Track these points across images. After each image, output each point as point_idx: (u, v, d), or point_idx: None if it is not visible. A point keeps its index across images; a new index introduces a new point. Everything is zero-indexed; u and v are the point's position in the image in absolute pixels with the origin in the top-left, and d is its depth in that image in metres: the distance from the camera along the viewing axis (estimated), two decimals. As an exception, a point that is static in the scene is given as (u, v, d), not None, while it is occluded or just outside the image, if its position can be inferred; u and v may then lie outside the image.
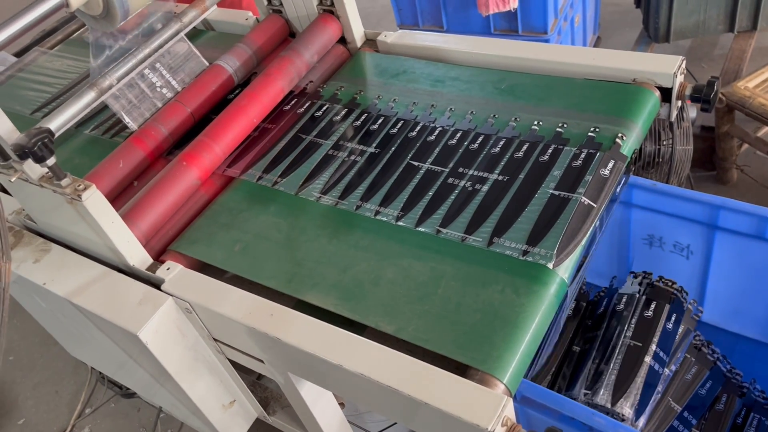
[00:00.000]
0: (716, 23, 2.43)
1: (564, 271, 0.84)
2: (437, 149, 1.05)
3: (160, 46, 1.26)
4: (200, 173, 1.10)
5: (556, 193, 0.92)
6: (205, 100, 1.23)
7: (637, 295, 1.23)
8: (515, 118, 1.06)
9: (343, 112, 1.17)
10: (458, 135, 1.06)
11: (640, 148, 1.88)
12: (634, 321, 1.18)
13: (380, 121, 1.14)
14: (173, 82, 1.28)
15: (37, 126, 0.87)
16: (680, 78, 1.06)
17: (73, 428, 2.01)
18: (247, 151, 1.16)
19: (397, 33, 1.32)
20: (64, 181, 0.89)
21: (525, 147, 1.00)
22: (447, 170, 1.01)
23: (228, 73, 1.27)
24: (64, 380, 2.15)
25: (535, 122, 1.04)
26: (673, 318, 1.19)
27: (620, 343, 1.15)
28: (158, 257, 1.03)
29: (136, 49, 1.23)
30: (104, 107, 1.19)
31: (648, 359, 1.11)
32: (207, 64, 1.30)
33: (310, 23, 1.31)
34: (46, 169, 0.88)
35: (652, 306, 1.20)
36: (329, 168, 1.07)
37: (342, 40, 1.35)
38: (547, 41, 2.09)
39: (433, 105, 1.14)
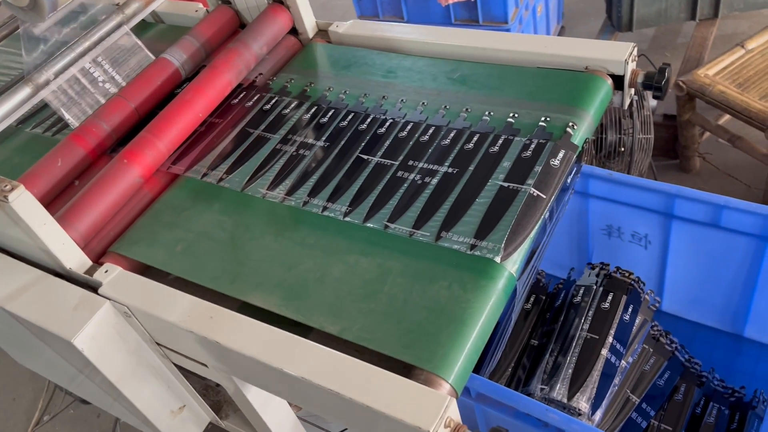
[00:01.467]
0: (678, 11, 2.44)
1: (512, 264, 0.82)
2: (387, 142, 1.02)
3: (101, 39, 1.21)
4: (143, 171, 1.05)
5: (505, 185, 0.90)
6: (150, 95, 1.19)
7: (595, 287, 1.22)
8: (466, 109, 1.04)
9: (293, 105, 1.14)
10: (409, 127, 1.04)
11: (602, 138, 1.87)
12: (591, 313, 1.17)
13: (330, 113, 1.11)
14: (117, 77, 1.23)
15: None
16: (632, 65, 1.05)
17: (31, 436, 1.95)
18: (193, 147, 1.12)
19: (349, 23, 1.29)
20: (-9, 182, 0.84)
21: (475, 138, 0.98)
22: (397, 163, 0.98)
23: (174, 66, 1.23)
24: (20, 387, 2.09)
25: (487, 112, 1.02)
26: (630, 309, 1.18)
27: (577, 335, 1.14)
28: (98, 259, 0.99)
29: (75, 42, 1.18)
30: (46, 104, 1.14)
31: (605, 352, 1.10)
32: (153, 57, 1.25)
33: (259, 14, 1.27)
34: (-30, 170, 0.84)
35: (609, 297, 1.19)
36: (277, 163, 1.04)
37: (293, 31, 1.31)
38: (508, 31, 2.08)
39: (384, 96, 1.11)
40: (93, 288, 0.92)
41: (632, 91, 1.08)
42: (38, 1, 0.90)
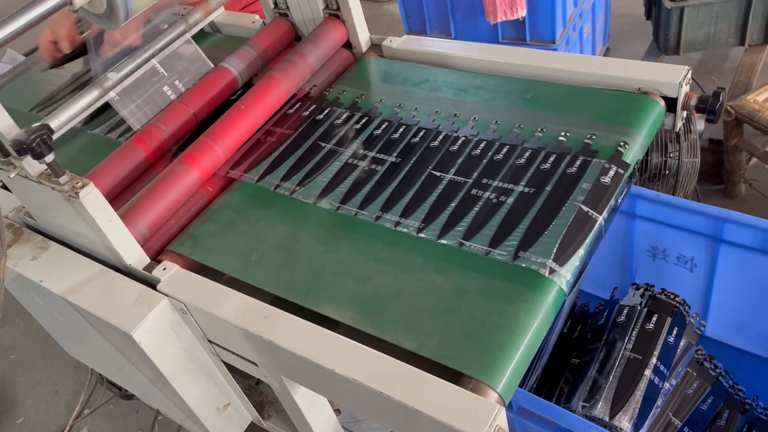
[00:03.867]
0: (727, 36, 2.41)
1: (562, 280, 0.83)
2: (460, 159, 1.03)
3: (165, 47, 1.27)
4: (201, 174, 1.09)
5: (584, 208, 0.90)
6: (208, 101, 1.23)
7: (639, 307, 1.21)
8: (542, 129, 1.03)
9: (364, 120, 1.15)
10: (482, 145, 1.04)
11: (647, 160, 1.86)
12: (634, 333, 1.17)
13: (401, 129, 1.11)
14: (178, 84, 1.28)
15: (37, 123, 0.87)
16: (686, 88, 1.05)
17: (71, 428, 2.00)
18: (251, 154, 1.15)
19: (402, 38, 1.32)
20: (63, 179, 0.89)
21: (552, 158, 0.97)
22: (470, 181, 0.98)
23: (232, 75, 1.27)
24: (63, 380, 2.15)
25: (539, 129, 1.03)
26: (674, 331, 1.17)
27: (620, 355, 1.14)
28: (156, 257, 1.03)
29: (140, 49, 1.24)
30: (110, 107, 1.20)
31: (648, 372, 1.09)
32: (212, 65, 1.30)
33: (316, 27, 1.31)
34: (45, 166, 0.88)
35: (654, 319, 1.18)
36: (349, 177, 1.05)
37: (347, 45, 1.35)
38: (555, 50, 2.09)
39: (456, 114, 1.11)
40: (151, 284, 0.96)
41: (684, 114, 1.08)
42: (114, 9, 0.95)
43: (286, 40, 1.39)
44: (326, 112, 1.19)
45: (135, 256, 0.97)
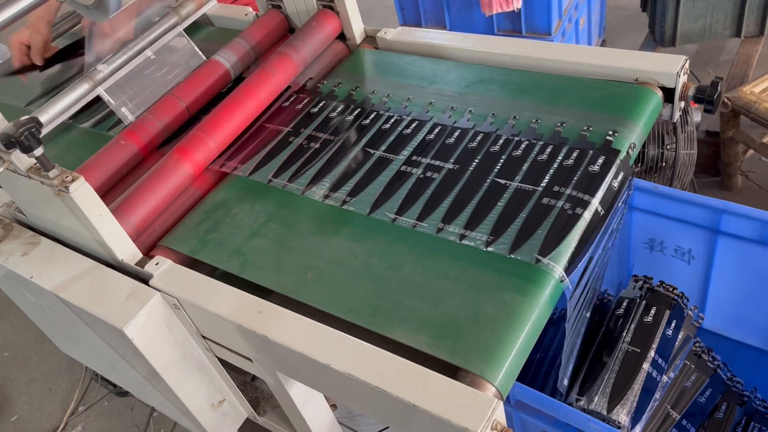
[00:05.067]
0: (723, 28, 2.41)
1: (558, 272, 0.82)
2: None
3: (156, 39, 1.25)
4: (193, 168, 1.08)
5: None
6: (200, 94, 1.22)
7: (638, 300, 1.21)
8: (537, 120, 1.01)
9: (357, 112, 1.13)
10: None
11: (644, 152, 1.86)
12: (633, 326, 1.16)
13: (456, 134, 1.04)
14: (170, 76, 1.27)
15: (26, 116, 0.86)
16: (683, 78, 1.04)
17: (65, 426, 1.99)
18: (245, 147, 1.14)
19: (396, 30, 1.31)
20: (52, 173, 0.87)
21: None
22: (540, 189, 0.91)
23: (225, 67, 1.26)
24: (58, 377, 2.13)
25: (534, 120, 1.02)
26: (673, 324, 1.17)
27: (618, 348, 1.13)
28: (148, 252, 1.01)
29: (132, 42, 1.22)
30: (101, 100, 1.18)
31: (646, 366, 1.09)
32: (204, 58, 1.28)
33: (309, 19, 1.29)
34: (34, 160, 0.87)
35: (652, 311, 1.18)
36: (404, 186, 0.97)
37: (341, 37, 1.33)
38: (551, 42, 2.07)
39: (452, 107, 1.09)
40: (144, 280, 0.95)
41: (682, 104, 1.07)
42: (103, 0, 0.93)
43: (280, 33, 1.37)
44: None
45: (127, 251, 0.96)
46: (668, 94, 1.05)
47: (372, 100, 1.15)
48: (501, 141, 1.00)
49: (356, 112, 1.14)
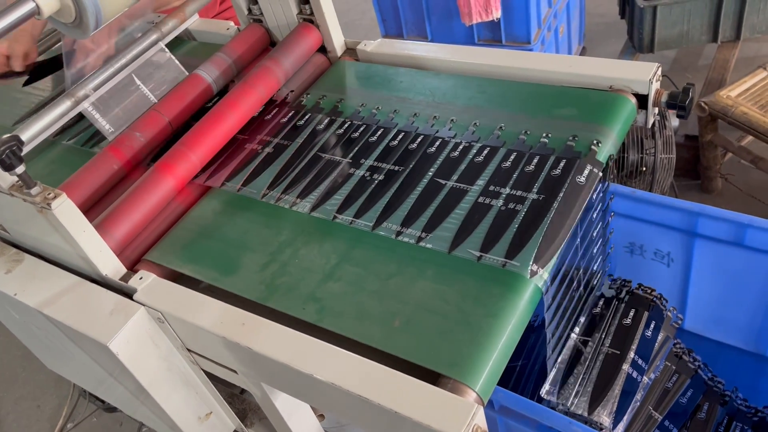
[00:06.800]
0: (700, 33, 2.45)
1: (538, 278, 0.83)
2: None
3: (138, 56, 1.26)
4: (176, 182, 1.09)
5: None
6: (183, 109, 1.23)
7: (616, 302, 1.23)
8: (500, 127, 1.04)
9: (346, 125, 1.15)
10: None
11: (625, 157, 1.88)
12: (612, 329, 1.18)
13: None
14: (152, 92, 1.28)
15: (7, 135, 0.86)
16: (656, 85, 1.06)
17: (54, 443, 1.98)
18: (229, 161, 1.15)
19: (376, 42, 1.32)
20: (34, 190, 0.88)
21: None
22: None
23: (207, 82, 1.27)
24: (46, 394, 2.12)
25: (524, 131, 1.03)
26: (652, 325, 1.18)
27: (598, 350, 1.15)
28: (132, 267, 1.02)
29: (113, 58, 1.23)
30: (84, 117, 1.19)
31: (626, 367, 1.10)
32: (186, 73, 1.29)
33: (290, 32, 1.31)
34: (16, 178, 0.87)
35: (631, 314, 1.20)
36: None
37: (322, 50, 1.35)
38: (530, 51, 2.10)
39: (435, 116, 1.11)
40: (128, 294, 0.95)
41: (656, 110, 1.10)
42: (83, 18, 0.94)
43: (261, 46, 1.39)
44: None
45: (111, 267, 0.97)
46: (642, 100, 1.07)
47: (362, 113, 1.16)
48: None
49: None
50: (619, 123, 1.02)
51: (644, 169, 1.88)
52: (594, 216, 1.07)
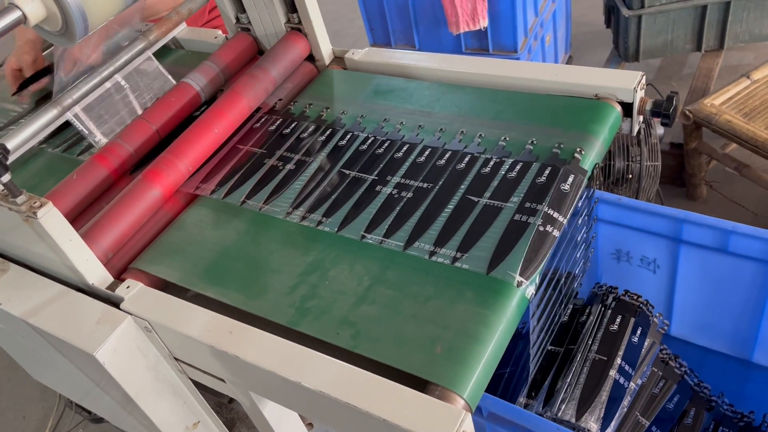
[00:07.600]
0: (684, 42, 2.48)
1: (525, 286, 0.84)
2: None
3: (126, 64, 1.26)
4: (163, 190, 1.09)
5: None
6: (170, 117, 1.23)
7: (603, 309, 1.24)
8: (480, 134, 1.06)
9: (329, 132, 1.15)
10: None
11: (611, 165, 1.90)
12: (599, 335, 1.18)
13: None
14: (139, 100, 1.27)
15: (-8, 143, 0.86)
16: (641, 93, 1.08)
17: (39, 454, 1.96)
18: (217, 170, 1.15)
19: (364, 50, 1.33)
20: (20, 199, 0.87)
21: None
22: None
23: (195, 90, 1.27)
24: (31, 405, 2.10)
25: (503, 138, 1.04)
26: (638, 331, 1.19)
27: (585, 357, 1.15)
28: (119, 276, 1.01)
29: (101, 67, 1.23)
30: (71, 125, 1.18)
31: (613, 373, 1.11)
32: (174, 82, 1.29)
33: (278, 41, 1.31)
34: (1, 187, 0.87)
35: (618, 320, 1.20)
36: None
37: (310, 58, 1.35)
38: (517, 60, 2.12)
39: (420, 125, 1.12)
40: (115, 303, 0.95)
41: (641, 118, 1.11)
42: (70, 26, 0.94)
43: (249, 55, 1.39)
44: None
45: (97, 275, 0.96)
46: (627, 108, 1.09)
47: (343, 120, 1.17)
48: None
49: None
50: (605, 131, 1.03)
51: (630, 176, 1.89)
52: (579, 222, 1.08)
